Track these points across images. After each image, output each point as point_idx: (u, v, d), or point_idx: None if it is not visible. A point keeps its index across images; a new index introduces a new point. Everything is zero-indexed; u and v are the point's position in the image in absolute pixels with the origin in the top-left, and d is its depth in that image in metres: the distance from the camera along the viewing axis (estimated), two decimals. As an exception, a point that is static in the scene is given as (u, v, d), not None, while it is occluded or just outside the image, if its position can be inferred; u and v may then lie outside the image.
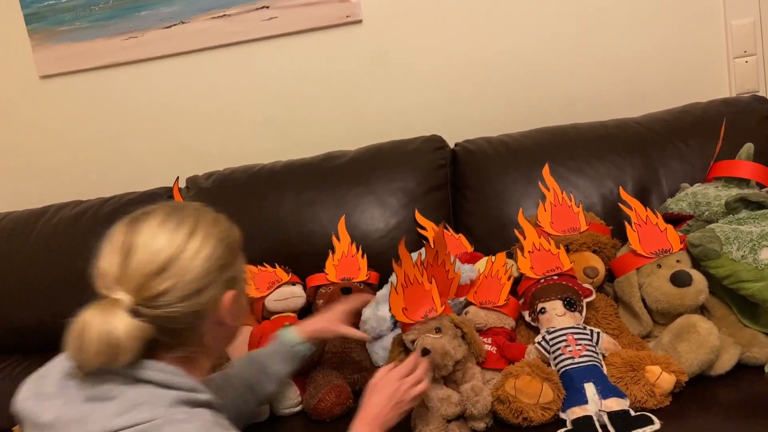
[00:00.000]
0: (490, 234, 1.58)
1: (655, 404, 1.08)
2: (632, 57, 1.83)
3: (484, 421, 1.11)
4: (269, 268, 1.57)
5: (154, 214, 0.86)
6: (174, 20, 1.95)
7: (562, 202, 1.47)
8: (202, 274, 0.84)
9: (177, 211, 0.88)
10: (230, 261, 0.89)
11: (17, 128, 2.12)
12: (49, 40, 2.02)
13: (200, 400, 0.82)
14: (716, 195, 1.36)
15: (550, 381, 1.10)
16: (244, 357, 1.21)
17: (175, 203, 0.92)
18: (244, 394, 1.15)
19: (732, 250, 1.19)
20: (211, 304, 0.85)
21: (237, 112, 2.00)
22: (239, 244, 0.93)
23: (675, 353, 1.14)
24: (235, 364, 1.20)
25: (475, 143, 1.72)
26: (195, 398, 0.81)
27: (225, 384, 1.13)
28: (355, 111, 1.95)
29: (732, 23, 1.78)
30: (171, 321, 0.82)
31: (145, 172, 2.03)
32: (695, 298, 1.22)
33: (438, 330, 1.14)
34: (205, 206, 0.92)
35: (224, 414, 0.85)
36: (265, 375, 1.17)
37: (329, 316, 1.25)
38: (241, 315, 0.94)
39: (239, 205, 1.70)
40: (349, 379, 1.31)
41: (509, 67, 1.87)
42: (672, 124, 1.60)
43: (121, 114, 2.05)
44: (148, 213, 0.87)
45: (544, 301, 1.25)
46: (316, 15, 1.89)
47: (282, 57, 1.94)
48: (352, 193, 1.66)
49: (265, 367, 1.18)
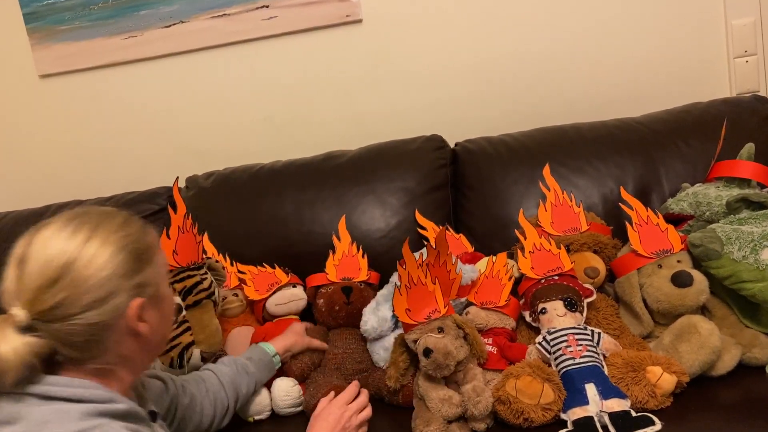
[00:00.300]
0: (490, 234, 1.58)
1: (656, 405, 1.08)
2: (633, 57, 1.83)
3: (485, 422, 1.11)
4: (269, 269, 1.57)
5: (53, 222, 0.82)
6: (174, 19, 1.95)
7: (562, 202, 1.47)
8: (99, 283, 0.79)
9: (78, 218, 0.83)
10: (136, 267, 0.83)
11: (16, 128, 2.11)
12: (49, 39, 2.02)
13: (119, 410, 0.79)
14: (717, 195, 1.35)
15: (551, 381, 1.10)
16: (225, 358, 1.24)
17: (83, 209, 0.86)
18: (223, 390, 1.16)
19: (733, 250, 1.19)
20: (115, 314, 0.80)
21: (237, 111, 2.00)
22: (152, 249, 0.87)
23: (676, 354, 1.14)
24: (217, 363, 1.23)
25: (476, 143, 1.72)
26: (111, 409, 0.78)
27: (205, 377, 1.16)
28: (355, 110, 1.94)
29: (732, 23, 1.78)
30: (72, 334, 0.78)
31: (144, 172, 2.03)
32: (696, 298, 1.22)
33: (440, 330, 1.14)
34: (117, 211, 0.88)
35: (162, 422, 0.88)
36: (245, 375, 1.21)
37: (296, 331, 1.37)
38: (162, 324, 0.90)
39: (239, 204, 1.70)
40: (349, 380, 1.30)
41: (510, 67, 1.87)
42: (673, 124, 1.60)
43: (121, 113, 2.05)
44: (49, 221, 0.83)
45: (544, 302, 1.25)
46: (316, 14, 1.89)
47: (282, 56, 1.94)
48: (352, 193, 1.65)
49: (247, 368, 1.22)
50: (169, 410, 1.06)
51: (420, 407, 1.14)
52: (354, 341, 1.36)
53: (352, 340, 1.36)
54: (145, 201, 1.82)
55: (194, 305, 1.25)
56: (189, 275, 1.25)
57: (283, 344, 1.31)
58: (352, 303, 1.40)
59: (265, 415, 1.26)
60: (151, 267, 0.86)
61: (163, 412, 1.05)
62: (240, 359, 1.23)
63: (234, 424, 1.25)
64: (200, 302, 1.25)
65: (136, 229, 0.86)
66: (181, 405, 1.09)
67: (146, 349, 0.88)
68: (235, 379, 1.19)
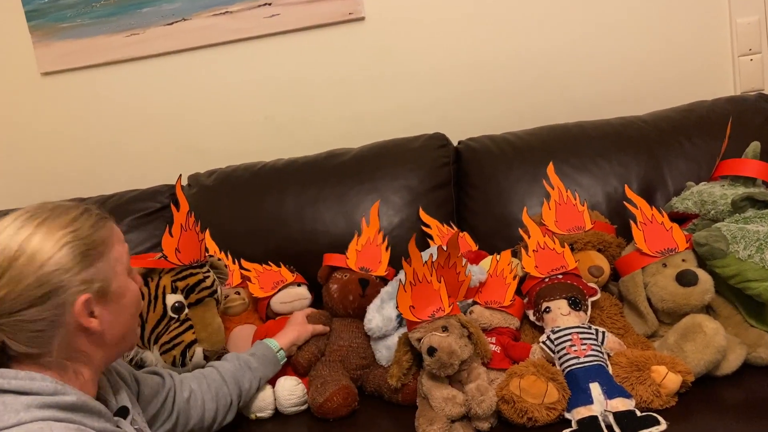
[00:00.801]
0: (494, 232, 1.58)
1: (660, 404, 1.07)
2: (637, 55, 1.82)
3: (488, 421, 1.10)
4: (274, 268, 1.56)
5: (6, 217, 0.83)
6: (176, 17, 1.95)
7: (566, 200, 1.47)
8: (41, 279, 0.79)
9: (29, 213, 0.83)
10: (83, 263, 0.82)
11: (18, 126, 2.11)
12: (51, 36, 2.02)
13: (65, 402, 0.78)
14: (722, 194, 1.35)
15: (555, 381, 1.09)
16: (228, 355, 1.24)
17: (42, 204, 0.86)
18: (225, 385, 1.16)
19: (738, 249, 1.18)
20: (60, 310, 0.80)
21: (239, 109, 1.99)
22: (104, 244, 0.86)
23: (681, 353, 1.13)
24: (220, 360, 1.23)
25: (479, 141, 1.72)
26: (57, 401, 0.77)
27: (206, 372, 1.17)
28: (357, 109, 1.94)
29: (737, 21, 1.77)
30: (18, 330, 0.79)
31: (146, 170, 2.03)
32: (701, 297, 1.21)
33: (445, 329, 1.13)
34: (74, 205, 0.88)
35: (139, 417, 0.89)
36: (248, 370, 1.21)
37: (298, 321, 1.37)
38: (118, 320, 0.88)
39: (241, 202, 1.70)
40: (352, 374, 1.31)
41: (513, 65, 1.87)
42: (677, 123, 1.60)
43: (123, 111, 2.05)
44: (4, 216, 0.84)
45: (548, 301, 1.25)
46: (319, 12, 1.88)
47: (284, 54, 1.94)
48: (354, 191, 1.65)
49: (249, 363, 1.21)
50: (165, 404, 1.07)
51: (423, 406, 1.13)
52: (360, 336, 1.35)
53: (358, 334, 1.35)
54: (146, 199, 1.82)
55: (197, 303, 1.24)
56: (191, 273, 1.25)
57: (287, 339, 1.30)
58: (367, 296, 1.38)
59: (267, 413, 1.26)
60: (102, 262, 0.85)
61: (158, 407, 1.05)
62: (243, 355, 1.23)
63: (236, 422, 1.25)
64: (203, 300, 1.25)
65: (87, 225, 0.85)
66: (180, 399, 1.09)
67: (102, 345, 0.87)
68: (236, 374, 1.18)
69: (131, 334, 0.94)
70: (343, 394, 1.21)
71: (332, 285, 1.44)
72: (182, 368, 1.20)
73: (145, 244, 1.74)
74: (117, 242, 0.90)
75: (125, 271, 0.90)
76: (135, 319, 0.93)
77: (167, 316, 1.22)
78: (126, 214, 1.77)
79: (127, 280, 0.90)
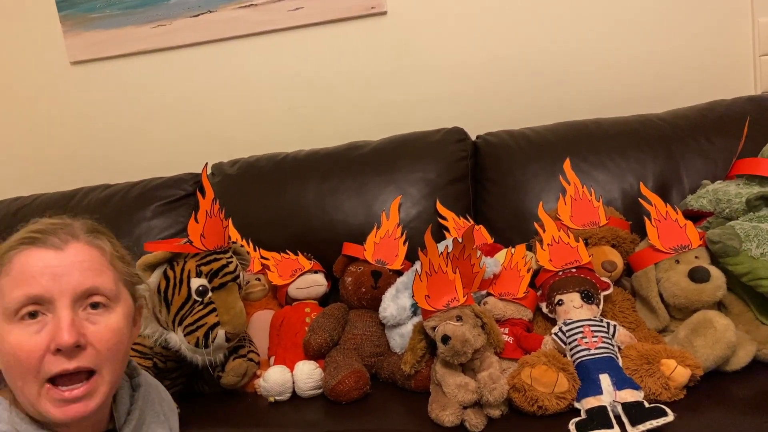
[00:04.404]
0: (509, 226, 1.60)
1: (669, 397, 1.09)
2: (658, 53, 1.83)
3: (499, 409, 1.13)
4: (292, 256, 1.60)
5: None
6: (202, 9, 1.99)
7: (582, 196, 1.48)
8: None
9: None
10: None
11: (48, 113, 2.17)
12: (80, 26, 2.07)
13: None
14: (737, 192, 1.35)
15: (566, 371, 1.12)
16: None
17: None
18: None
19: (751, 247, 1.19)
20: None
21: (262, 100, 2.03)
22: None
23: (691, 348, 1.15)
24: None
25: (497, 136, 1.73)
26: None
27: None
28: (378, 101, 1.96)
29: (759, 20, 1.77)
30: None
31: (171, 158, 2.08)
32: (713, 294, 1.22)
33: (459, 318, 1.16)
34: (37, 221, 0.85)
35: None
36: None
37: None
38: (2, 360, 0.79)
39: (263, 192, 1.74)
40: (366, 361, 1.34)
41: (533, 61, 1.88)
42: (695, 121, 1.60)
43: (149, 100, 2.09)
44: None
45: (561, 293, 1.27)
46: (342, 6, 1.91)
47: (307, 47, 1.97)
48: (373, 183, 1.68)
49: None
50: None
51: (437, 392, 1.17)
52: (374, 324, 1.39)
53: (372, 323, 1.39)
54: (171, 186, 1.87)
55: (220, 287, 1.28)
56: (215, 258, 1.29)
57: None
58: (379, 288, 1.42)
59: (286, 396, 1.30)
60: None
61: None
62: None
63: (254, 405, 1.29)
64: (226, 285, 1.28)
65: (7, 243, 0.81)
66: None
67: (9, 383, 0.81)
68: None
69: (21, 396, 0.79)
70: (355, 377, 1.24)
71: (347, 278, 1.49)
72: (205, 349, 1.24)
73: (169, 230, 1.79)
74: (5, 276, 0.80)
75: (3, 312, 0.78)
76: (20, 380, 0.78)
77: (191, 299, 1.26)
78: (151, 200, 1.83)
79: (6, 327, 0.78)
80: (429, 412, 1.14)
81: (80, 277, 0.80)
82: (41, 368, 0.77)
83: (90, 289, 0.80)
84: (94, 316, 0.81)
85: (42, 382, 0.77)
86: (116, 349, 0.82)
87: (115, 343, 0.82)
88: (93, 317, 0.81)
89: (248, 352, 1.35)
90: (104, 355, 0.80)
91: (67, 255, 0.81)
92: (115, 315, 0.83)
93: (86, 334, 0.79)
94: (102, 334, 0.80)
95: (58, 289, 0.78)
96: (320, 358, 1.36)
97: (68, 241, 0.82)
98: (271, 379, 1.29)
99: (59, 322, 0.77)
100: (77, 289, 0.79)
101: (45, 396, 0.77)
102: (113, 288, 0.84)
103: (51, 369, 0.77)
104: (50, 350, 0.77)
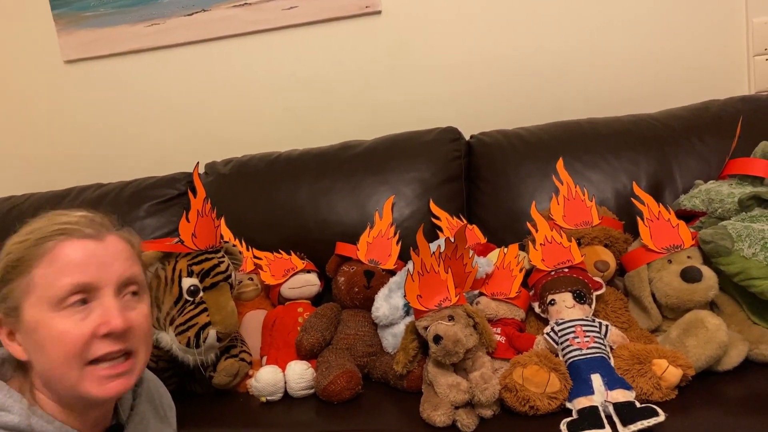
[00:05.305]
0: (503, 226, 1.60)
1: (660, 397, 1.09)
2: (652, 53, 1.83)
3: (491, 409, 1.13)
4: (284, 256, 1.60)
5: None
6: (196, 8, 1.98)
7: (575, 195, 1.48)
8: None
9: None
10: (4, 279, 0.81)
11: (41, 111, 2.16)
12: (74, 25, 2.06)
13: (3, 422, 0.77)
14: (730, 192, 1.36)
15: (558, 371, 1.12)
16: None
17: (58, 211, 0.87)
18: None
19: (743, 247, 1.20)
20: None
21: (256, 99, 2.02)
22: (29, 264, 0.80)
23: (683, 348, 1.15)
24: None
25: (491, 136, 1.73)
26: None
27: None
28: (372, 101, 1.96)
29: (753, 21, 1.77)
30: None
31: (164, 158, 2.07)
32: (705, 294, 1.23)
33: (451, 318, 1.16)
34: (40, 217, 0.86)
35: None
36: None
37: None
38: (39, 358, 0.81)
39: (256, 191, 1.73)
40: (359, 361, 1.34)
41: (527, 61, 1.88)
42: (688, 121, 1.60)
43: (142, 99, 2.09)
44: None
45: (554, 293, 1.27)
46: (336, 5, 1.91)
47: (301, 46, 1.96)
48: (367, 182, 1.68)
49: None
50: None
51: (428, 392, 1.16)
52: (366, 324, 1.38)
53: (364, 323, 1.39)
54: (164, 186, 1.86)
55: (211, 287, 1.27)
56: (207, 258, 1.28)
57: None
58: (372, 288, 1.42)
59: (277, 396, 1.30)
60: (18, 281, 0.80)
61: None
62: None
63: (246, 404, 1.29)
64: (217, 284, 1.28)
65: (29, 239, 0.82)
66: None
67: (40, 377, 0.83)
68: None
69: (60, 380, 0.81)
70: (347, 377, 1.24)
71: (340, 278, 1.49)
72: (196, 349, 1.24)
73: (162, 230, 1.79)
74: (47, 266, 0.80)
75: (45, 301, 0.79)
76: (62, 365, 0.80)
77: (183, 298, 1.25)
78: (144, 200, 1.82)
79: (48, 315, 0.79)
80: (421, 412, 1.14)
81: (122, 266, 0.84)
82: (86, 352, 0.80)
83: (130, 277, 0.85)
84: (132, 302, 0.86)
85: (83, 364, 0.80)
86: (149, 332, 0.88)
87: (148, 327, 0.88)
88: (131, 303, 0.85)
89: (240, 352, 1.34)
90: (141, 339, 0.86)
91: (108, 245, 0.85)
92: (145, 302, 0.89)
93: (129, 319, 0.84)
94: (139, 320, 0.85)
95: (105, 277, 0.82)
96: (312, 358, 1.36)
97: (104, 233, 0.86)
98: (263, 379, 1.28)
99: (109, 309, 0.81)
100: (120, 278, 0.84)
101: (87, 377, 0.81)
102: (143, 278, 0.90)
103: (96, 351, 0.81)
104: (97, 335, 0.80)
